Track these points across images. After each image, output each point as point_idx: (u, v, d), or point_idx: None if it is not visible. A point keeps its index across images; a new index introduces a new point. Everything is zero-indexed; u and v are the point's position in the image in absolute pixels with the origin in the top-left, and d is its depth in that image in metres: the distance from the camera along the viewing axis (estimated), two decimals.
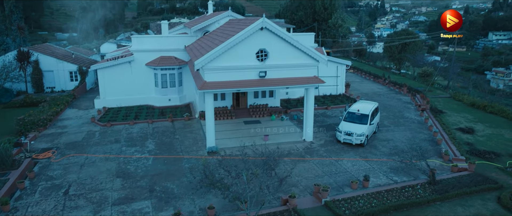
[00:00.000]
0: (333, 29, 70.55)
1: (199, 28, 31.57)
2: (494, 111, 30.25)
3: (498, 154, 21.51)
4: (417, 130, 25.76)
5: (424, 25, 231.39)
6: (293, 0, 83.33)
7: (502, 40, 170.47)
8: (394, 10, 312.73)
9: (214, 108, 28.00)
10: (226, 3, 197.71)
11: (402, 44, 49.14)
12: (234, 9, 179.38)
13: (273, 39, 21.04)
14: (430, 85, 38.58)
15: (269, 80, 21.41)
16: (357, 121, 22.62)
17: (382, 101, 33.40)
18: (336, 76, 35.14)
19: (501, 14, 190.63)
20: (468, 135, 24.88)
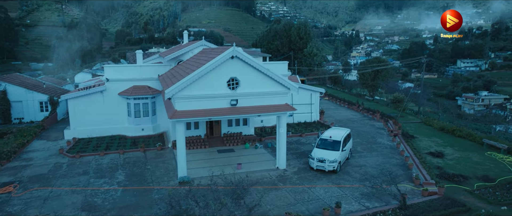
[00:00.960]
0: (308, 57, 72.12)
1: (173, 58, 31.63)
2: (463, 135, 31.12)
3: (466, 177, 21.94)
4: (389, 155, 26.09)
5: (397, 53, 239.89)
6: (270, 30, 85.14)
7: (469, 67, 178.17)
8: (368, 39, 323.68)
9: (188, 137, 27.90)
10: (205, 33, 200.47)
11: (375, 72, 50.62)
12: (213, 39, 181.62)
13: (244, 68, 21.24)
14: (402, 111, 39.57)
15: (241, 108, 21.43)
16: (330, 148, 22.75)
17: (355, 128, 33.88)
18: (310, 103, 35.56)
19: (467, 43, 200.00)
20: (438, 159, 25.36)
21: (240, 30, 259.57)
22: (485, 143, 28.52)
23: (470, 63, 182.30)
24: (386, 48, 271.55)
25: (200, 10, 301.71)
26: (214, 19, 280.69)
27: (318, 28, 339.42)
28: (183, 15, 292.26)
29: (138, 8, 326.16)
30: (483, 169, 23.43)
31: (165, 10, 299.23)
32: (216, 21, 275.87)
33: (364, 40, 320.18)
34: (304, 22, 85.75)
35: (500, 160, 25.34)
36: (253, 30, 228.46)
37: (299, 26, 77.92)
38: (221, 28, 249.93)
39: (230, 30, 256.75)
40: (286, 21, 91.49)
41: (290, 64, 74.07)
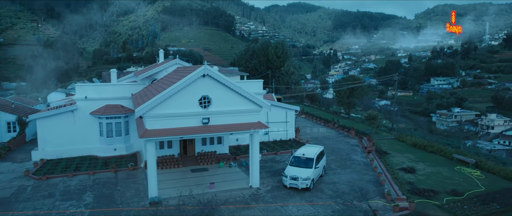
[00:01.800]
0: (286, 76, 72.93)
1: (147, 76, 31.38)
2: (434, 150, 31.80)
3: (437, 191, 22.29)
4: (363, 171, 26.30)
5: (374, 72, 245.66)
6: (247, 49, 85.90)
7: (442, 85, 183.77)
8: (346, 58, 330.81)
9: (161, 156, 27.45)
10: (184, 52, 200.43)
11: (350, 89, 51.57)
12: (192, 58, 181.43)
13: (215, 86, 21.23)
14: (376, 128, 40.25)
15: (213, 127, 21.30)
16: (303, 165, 22.78)
17: (330, 145, 34.15)
18: (285, 121, 35.73)
19: (439, 62, 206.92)
20: (410, 174, 25.72)
21: (220, 49, 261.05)
22: (455, 158, 29.20)
23: (443, 81, 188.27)
24: (363, 67, 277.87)
25: (179, 30, 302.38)
26: (194, 39, 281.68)
27: (297, 47, 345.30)
28: (163, 34, 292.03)
29: (117, 27, 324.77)
30: (453, 184, 23.89)
31: (144, 30, 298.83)
32: (195, 41, 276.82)
33: (342, 59, 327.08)
34: (281, 42, 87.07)
35: (468, 174, 25.93)
36: (233, 50, 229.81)
37: (277, 45, 79.05)
38: (201, 48, 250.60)
39: (210, 49, 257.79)
40: (264, 41, 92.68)
41: (267, 83, 74.65)
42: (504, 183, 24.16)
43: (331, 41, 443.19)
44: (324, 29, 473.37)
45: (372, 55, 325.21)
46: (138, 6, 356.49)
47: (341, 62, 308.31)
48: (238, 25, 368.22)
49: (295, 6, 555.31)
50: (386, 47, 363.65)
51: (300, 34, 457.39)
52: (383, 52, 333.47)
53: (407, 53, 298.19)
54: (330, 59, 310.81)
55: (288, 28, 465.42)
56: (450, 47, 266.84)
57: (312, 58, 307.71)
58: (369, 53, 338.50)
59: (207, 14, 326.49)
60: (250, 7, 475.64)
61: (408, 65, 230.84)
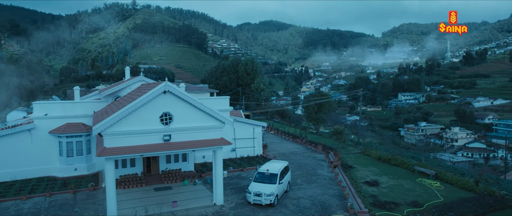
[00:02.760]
0: (256, 93, 73.36)
1: (110, 93, 30.72)
2: (397, 163, 32.58)
3: (398, 203, 22.72)
4: (327, 186, 26.50)
5: (344, 88, 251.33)
6: (218, 66, 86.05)
7: (409, 100, 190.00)
8: (317, 74, 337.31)
9: (123, 175, 26.67)
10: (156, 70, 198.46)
11: (318, 105, 52.40)
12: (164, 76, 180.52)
13: (177, 102, 21.03)
14: (343, 143, 40.90)
15: (174, 144, 20.97)
16: (267, 181, 22.69)
17: (297, 160, 34.34)
18: (253, 137, 35.69)
19: (406, 78, 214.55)
20: (373, 188, 26.14)
21: (192, 66, 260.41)
22: (417, 170, 29.98)
23: (409, 96, 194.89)
24: (334, 83, 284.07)
25: (151, 47, 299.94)
26: (166, 56, 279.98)
27: (269, 64, 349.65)
28: (134, 52, 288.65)
29: (86, 44, 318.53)
30: (413, 195, 24.44)
31: (115, 47, 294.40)
32: (167, 58, 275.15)
33: (313, 76, 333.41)
34: (251, 59, 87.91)
35: (429, 185, 26.64)
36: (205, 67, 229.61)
37: (247, 62, 79.71)
38: (173, 65, 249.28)
39: (182, 66, 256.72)
40: (234, 58, 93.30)
41: (238, 100, 74.77)
42: (461, 193, 24.95)
43: (302, 58, 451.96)
44: (296, 46, 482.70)
45: (342, 72, 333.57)
46: (108, 23, 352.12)
47: (312, 79, 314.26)
48: (210, 42, 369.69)
49: (267, 24, 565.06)
50: (355, 64, 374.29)
51: (272, 51, 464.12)
52: (352, 69, 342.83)
53: (376, 69, 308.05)
54: (301, 76, 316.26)
55: (260, 45, 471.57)
56: (416, 64, 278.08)
57: (284, 75, 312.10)
58: (340, 70, 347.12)
59: (179, 32, 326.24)
60: (222, 25, 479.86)
61: (377, 82, 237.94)
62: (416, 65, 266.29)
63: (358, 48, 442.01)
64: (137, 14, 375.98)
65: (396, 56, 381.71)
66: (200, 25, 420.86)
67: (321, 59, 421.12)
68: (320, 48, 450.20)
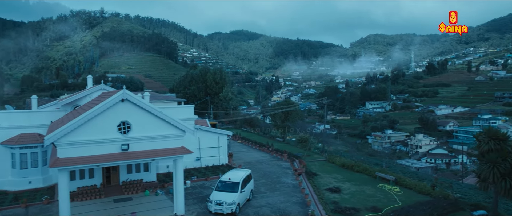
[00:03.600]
0: (224, 102, 73.21)
1: (68, 102, 29.73)
2: (360, 170, 33.26)
3: (358, 209, 23.14)
4: (291, 193, 26.64)
5: (314, 97, 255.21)
6: (186, 75, 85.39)
7: (376, 108, 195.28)
8: (287, 84, 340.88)
9: (81, 187, 25.70)
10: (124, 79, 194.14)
11: (285, 114, 52.88)
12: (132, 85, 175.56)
13: (135, 111, 20.60)
14: (308, 150, 41.37)
15: (133, 153, 20.47)
16: (229, 190, 22.56)
17: (263, 169, 34.39)
18: (218, 146, 35.45)
19: (373, 87, 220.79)
20: (335, 194, 26.50)
21: (162, 76, 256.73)
22: (378, 176, 30.72)
23: (376, 105, 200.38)
24: (304, 92, 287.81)
25: (119, 56, 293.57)
26: (135, 65, 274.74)
27: (239, 74, 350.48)
28: (101, 60, 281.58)
29: (51, 52, 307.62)
30: (374, 201, 24.98)
31: (81, 55, 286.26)
32: (136, 67, 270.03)
33: (284, 85, 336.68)
34: (220, 68, 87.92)
35: (389, 190, 27.33)
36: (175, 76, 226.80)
37: (215, 71, 79.58)
38: (142, 74, 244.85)
39: (151, 76, 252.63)
40: (203, 67, 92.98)
41: (207, 109, 74.31)
42: (418, 197, 25.76)
43: (273, 68, 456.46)
44: (266, 56, 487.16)
45: (312, 81, 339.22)
46: (74, 31, 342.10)
47: (283, 88, 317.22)
48: (181, 51, 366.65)
49: (238, 33, 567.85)
50: (325, 73, 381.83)
51: (243, 61, 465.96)
52: (322, 79, 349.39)
53: (344, 79, 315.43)
54: (272, 85, 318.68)
55: (231, 55, 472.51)
56: (382, 73, 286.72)
57: (255, 85, 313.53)
58: (310, 79, 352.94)
59: (149, 41, 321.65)
60: (193, 34, 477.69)
61: (345, 91, 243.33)
62: (382, 75, 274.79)
63: (328, 58, 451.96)
64: (105, 22, 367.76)
65: (364, 66, 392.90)
66: (170, 34, 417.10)
67: (291, 68, 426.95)
68: (290, 58, 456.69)
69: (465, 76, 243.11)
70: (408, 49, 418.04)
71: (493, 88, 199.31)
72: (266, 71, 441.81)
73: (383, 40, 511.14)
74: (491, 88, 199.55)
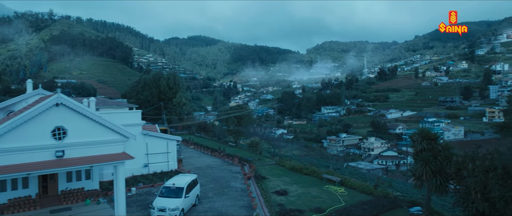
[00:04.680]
0: (178, 107, 72.08)
1: (1, 108, 27.87)
2: (308, 172, 33.95)
3: (302, 210, 23.56)
4: (238, 197, 26.63)
5: (272, 102, 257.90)
6: (139, 80, 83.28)
7: (331, 113, 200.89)
8: (245, 89, 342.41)
9: (13, 198, 24.06)
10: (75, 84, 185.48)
11: (237, 118, 52.97)
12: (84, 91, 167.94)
13: (72, 116, 19.74)
14: (259, 154, 41.66)
15: (69, 160, 19.54)
16: (173, 195, 22.14)
17: (213, 174, 34.14)
18: (167, 152, 34.73)
19: (328, 92, 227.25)
20: (282, 197, 26.82)
21: (116, 81, 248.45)
22: (325, 178, 31.52)
23: (331, 110, 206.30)
24: (261, 98, 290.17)
25: (70, 61, 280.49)
26: (87, 70, 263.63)
27: (197, 79, 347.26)
28: (50, 65, 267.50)
29: None
30: (319, 202, 25.55)
31: (27, 60, 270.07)
32: (88, 72, 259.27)
33: (242, 91, 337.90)
34: (173, 73, 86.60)
35: (334, 191, 28.10)
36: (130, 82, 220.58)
37: (169, 76, 78.25)
38: (95, 80, 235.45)
39: (105, 81, 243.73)
40: (156, 72, 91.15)
41: (160, 114, 72.74)
42: (361, 197, 26.70)
43: (231, 73, 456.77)
44: (224, 62, 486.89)
45: (270, 87, 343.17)
46: (20, 34, 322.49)
47: (241, 94, 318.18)
48: (136, 57, 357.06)
49: (195, 39, 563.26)
50: (282, 79, 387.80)
51: (200, 66, 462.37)
52: (280, 84, 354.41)
53: (301, 84, 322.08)
54: (230, 91, 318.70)
55: (188, 60, 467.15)
56: (337, 79, 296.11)
57: (212, 90, 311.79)
58: (267, 85, 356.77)
59: (103, 45, 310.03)
60: (149, 39, 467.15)
61: (302, 96, 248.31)
62: (337, 80, 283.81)
63: (285, 64, 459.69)
64: (54, 25, 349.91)
65: (320, 72, 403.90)
66: (125, 38, 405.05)
67: (249, 74, 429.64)
68: (248, 64, 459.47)
69: (413, 82, 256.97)
70: (361, 56, 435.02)
71: (438, 93, 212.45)
72: (224, 77, 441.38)
73: (338, 47, 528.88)
74: (436, 93, 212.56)
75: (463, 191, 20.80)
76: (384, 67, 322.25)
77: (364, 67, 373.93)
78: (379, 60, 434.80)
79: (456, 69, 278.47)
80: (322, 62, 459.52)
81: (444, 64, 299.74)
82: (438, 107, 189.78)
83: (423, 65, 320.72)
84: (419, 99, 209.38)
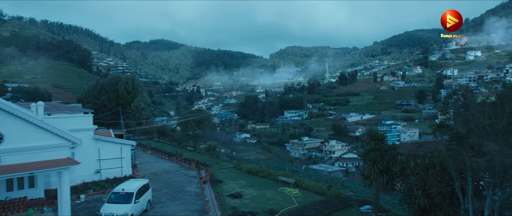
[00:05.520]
0: (136, 112, 70.30)
1: None
2: (265, 175, 34.15)
3: (255, 213, 23.60)
4: (191, 201, 26.29)
5: (235, 107, 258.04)
6: (96, 84, 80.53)
7: (294, 117, 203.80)
8: (209, 94, 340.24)
9: None
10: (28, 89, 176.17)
11: (196, 122, 52.45)
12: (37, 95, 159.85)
13: (9, 120, 18.70)
14: (217, 158, 41.44)
15: (5, 167, 18.46)
16: (122, 201, 21.45)
17: (168, 178, 33.56)
18: (120, 157, 33.74)
19: (290, 96, 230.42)
20: (236, 200, 26.78)
21: (73, 86, 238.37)
22: (280, 180, 31.83)
23: (294, 114, 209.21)
24: (225, 102, 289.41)
25: (22, 64, 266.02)
26: (41, 74, 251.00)
27: (159, 84, 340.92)
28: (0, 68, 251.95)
29: None
30: (272, 203, 25.73)
31: None
32: (43, 76, 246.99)
33: (205, 95, 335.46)
34: (132, 77, 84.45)
35: (288, 193, 28.43)
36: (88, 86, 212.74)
37: (127, 80, 76.15)
38: (50, 84, 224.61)
39: (61, 86, 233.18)
40: (114, 75, 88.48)
41: (118, 119, 70.59)
42: (315, 197, 27.18)
43: (194, 78, 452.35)
44: (187, 66, 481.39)
45: (233, 91, 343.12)
46: None
47: (204, 99, 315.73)
48: (95, 60, 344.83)
49: (158, 43, 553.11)
50: (246, 83, 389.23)
51: (163, 71, 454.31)
52: (243, 89, 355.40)
53: (265, 89, 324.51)
54: (193, 95, 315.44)
55: (150, 64, 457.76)
56: (299, 83, 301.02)
57: (175, 95, 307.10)
58: (231, 89, 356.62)
59: (59, 48, 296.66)
60: (109, 42, 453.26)
61: (265, 100, 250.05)
62: (300, 85, 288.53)
63: (249, 69, 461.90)
64: (4, 25, 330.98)
65: (283, 76, 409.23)
66: (83, 41, 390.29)
67: (213, 79, 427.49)
68: (212, 68, 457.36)
69: (371, 86, 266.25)
70: (323, 61, 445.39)
71: (395, 97, 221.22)
72: (188, 81, 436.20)
73: (301, 52, 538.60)
74: (393, 97, 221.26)
75: (406, 188, 21.73)
76: (345, 72, 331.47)
77: (326, 72, 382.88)
78: (340, 65, 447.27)
79: (411, 74, 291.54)
80: (285, 67, 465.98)
81: (401, 69, 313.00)
82: (395, 110, 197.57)
83: (381, 70, 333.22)
84: (378, 103, 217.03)
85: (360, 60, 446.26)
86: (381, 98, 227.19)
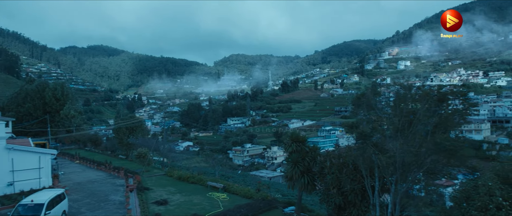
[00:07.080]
0: (66, 120, 66.18)
1: None
2: (195, 181, 33.86)
3: None
4: (114, 211, 25.24)
5: (178, 115, 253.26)
6: (20, 91, 74.75)
7: (237, 124, 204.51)
8: (151, 102, 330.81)
9: None
10: None
11: (129, 129, 50.63)
12: None
13: None
14: (147, 166, 40.29)
15: None
16: (30, 213, 19.94)
17: (93, 188, 31.96)
18: (38, 168, 31.50)
19: (234, 104, 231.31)
20: (161, 207, 26.19)
21: None
22: (209, 185, 31.70)
23: (237, 121, 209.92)
24: (168, 110, 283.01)
25: None
26: None
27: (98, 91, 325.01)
28: None
29: None
30: (198, 209, 25.51)
31: None
32: None
33: (147, 103, 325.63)
34: (61, 83, 79.42)
35: (216, 198, 28.40)
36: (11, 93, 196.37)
37: (55, 86, 71.40)
38: None
39: None
40: (40, 81, 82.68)
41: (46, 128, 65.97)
42: (243, 201, 27.43)
43: (136, 85, 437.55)
44: (128, 73, 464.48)
45: (177, 99, 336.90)
46: None
47: (146, 107, 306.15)
48: (25, 66, 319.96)
49: (96, 49, 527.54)
50: (190, 91, 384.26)
51: (102, 78, 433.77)
52: (187, 96, 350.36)
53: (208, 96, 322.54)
54: (135, 103, 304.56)
55: (88, 71, 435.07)
56: (243, 91, 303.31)
57: (115, 103, 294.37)
58: (174, 97, 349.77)
59: None
60: (41, 47, 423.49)
61: (209, 108, 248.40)
62: (243, 92, 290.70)
63: (193, 76, 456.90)
64: None
65: (227, 84, 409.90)
66: (10, 45, 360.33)
67: (156, 86, 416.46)
68: (154, 76, 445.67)
69: (312, 93, 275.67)
70: (266, 69, 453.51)
71: (334, 103, 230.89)
72: (129, 89, 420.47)
73: (245, 60, 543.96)
74: (332, 104, 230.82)
75: (324, 188, 22.73)
76: (287, 80, 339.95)
77: (269, 79, 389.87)
78: (283, 73, 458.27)
79: (349, 81, 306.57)
80: (230, 74, 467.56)
81: (339, 77, 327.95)
82: (334, 116, 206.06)
83: (321, 78, 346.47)
84: (318, 110, 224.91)
85: (302, 68, 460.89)
86: (322, 105, 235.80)
